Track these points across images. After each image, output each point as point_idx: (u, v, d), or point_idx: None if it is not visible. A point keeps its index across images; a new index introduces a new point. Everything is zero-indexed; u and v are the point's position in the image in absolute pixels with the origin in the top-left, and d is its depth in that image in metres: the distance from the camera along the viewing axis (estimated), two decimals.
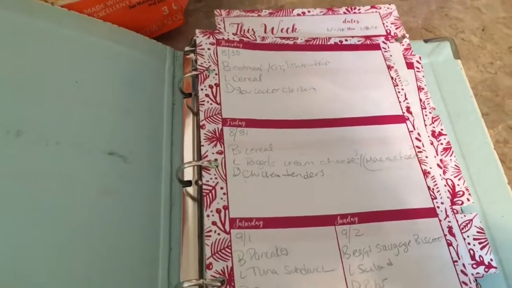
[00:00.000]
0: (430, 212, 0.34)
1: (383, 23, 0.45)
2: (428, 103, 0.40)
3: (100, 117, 0.35)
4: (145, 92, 0.39)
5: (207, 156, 0.35)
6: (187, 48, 0.42)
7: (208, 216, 0.32)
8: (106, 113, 0.36)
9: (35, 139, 0.32)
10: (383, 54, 0.42)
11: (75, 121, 0.34)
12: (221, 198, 0.33)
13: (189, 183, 0.36)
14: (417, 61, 0.42)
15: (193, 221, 0.34)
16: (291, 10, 0.45)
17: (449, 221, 0.34)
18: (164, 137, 0.37)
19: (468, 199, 0.35)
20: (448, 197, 0.35)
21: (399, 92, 0.40)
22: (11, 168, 0.30)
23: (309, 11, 0.45)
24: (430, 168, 0.36)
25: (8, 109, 0.32)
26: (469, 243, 0.33)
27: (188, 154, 0.37)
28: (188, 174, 0.36)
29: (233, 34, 0.42)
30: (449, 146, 0.38)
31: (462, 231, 0.34)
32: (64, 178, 0.32)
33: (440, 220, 0.34)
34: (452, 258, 0.32)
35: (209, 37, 0.41)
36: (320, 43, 0.42)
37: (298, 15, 0.45)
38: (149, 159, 0.36)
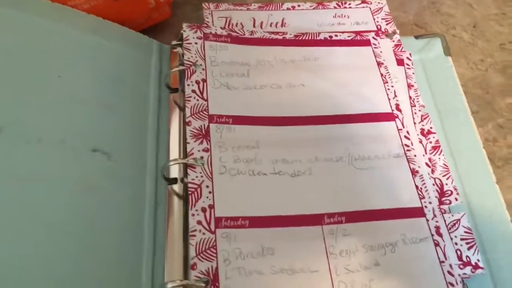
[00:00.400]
0: (418, 212, 0.34)
1: (374, 19, 0.44)
2: (418, 101, 0.40)
3: (84, 113, 0.35)
4: (130, 87, 0.38)
5: (193, 153, 0.34)
6: (174, 42, 0.41)
7: (193, 215, 0.32)
8: (90, 109, 0.35)
9: (16, 136, 0.31)
10: (373, 50, 0.42)
11: (57, 117, 0.33)
12: (207, 197, 0.33)
13: (174, 181, 0.35)
14: (408, 58, 0.42)
15: (179, 219, 0.34)
16: (280, 4, 0.44)
17: (436, 221, 0.33)
18: (150, 134, 0.37)
19: (456, 199, 0.35)
20: (436, 197, 0.35)
21: (388, 89, 0.39)
22: None
23: (299, 5, 0.45)
24: (419, 167, 0.36)
25: None
26: (456, 243, 0.33)
27: (174, 151, 0.36)
28: (174, 171, 0.35)
29: (221, 28, 0.41)
30: (438, 144, 0.37)
31: (450, 231, 0.34)
32: (46, 176, 0.31)
33: (427, 220, 0.33)
34: (439, 259, 0.32)
35: (196, 31, 0.40)
36: (310, 38, 0.42)
37: (288, 9, 0.44)
38: (134, 156, 0.35)
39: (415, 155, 0.36)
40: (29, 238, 0.29)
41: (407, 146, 0.37)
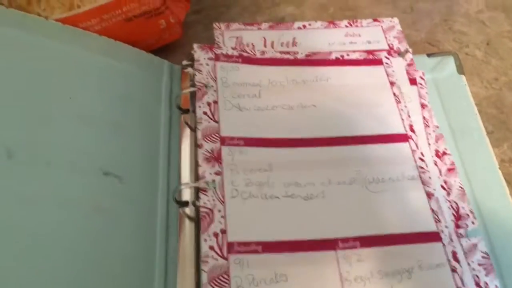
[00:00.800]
0: (434, 236, 0.33)
1: (386, 37, 0.44)
2: (432, 121, 0.39)
3: (95, 135, 0.34)
4: (141, 108, 0.38)
5: (204, 176, 0.34)
6: (185, 62, 0.41)
7: (205, 240, 0.31)
8: (101, 131, 0.35)
9: (26, 159, 0.31)
10: (385, 69, 0.41)
11: (68, 139, 0.33)
12: (219, 222, 0.32)
13: (186, 204, 0.35)
14: (421, 77, 0.41)
15: (190, 243, 0.33)
16: (291, 23, 0.44)
17: (453, 246, 0.33)
18: (161, 156, 0.36)
19: (473, 222, 0.34)
20: (452, 220, 0.34)
21: (402, 109, 0.39)
22: (2, 190, 0.29)
23: (310, 24, 0.44)
24: (434, 189, 0.35)
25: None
26: (474, 269, 0.32)
27: (185, 173, 0.36)
28: (186, 194, 0.35)
29: (232, 48, 0.41)
30: (453, 166, 0.37)
31: (467, 256, 0.33)
32: (57, 200, 0.31)
33: (444, 245, 0.33)
34: (456, 285, 0.31)
35: (207, 52, 0.40)
36: (321, 58, 0.41)
37: (299, 28, 0.44)
38: (145, 179, 0.35)
39: (430, 177, 0.36)
40: (38, 261, 0.29)
41: (422, 168, 0.36)
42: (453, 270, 0.32)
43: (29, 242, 0.29)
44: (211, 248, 0.31)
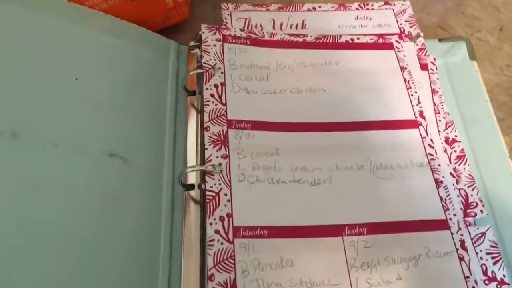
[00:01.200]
0: (442, 224, 0.33)
1: (397, 21, 0.43)
2: (442, 108, 0.38)
3: (101, 117, 0.34)
4: (147, 89, 0.37)
5: (211, 160, 0.33)
6: (192, 43, 0.40)
7: (211, 224, 0.31)
8: (107, 112, 0.34)
9: (31, 141, 0.31)
10: (396, 54, 0.40)
11: (74, 121, 0.33)
12: (225, 205, 0.32)
13: (191, 187, 0.34)
14: (432, 62, 0.41)
15: (195, 226, 0.33)
16: (301, 5, 0.43)
17: (461, 234, 0.32)
18: (167, 138, 0.36)
19: (481, 211, 0.34)
20: (461, 209, 0.34)
21: (412, 95, 0.38)
22: (6, 172, 0.29)
23: (320, 6, 0.43)
24: (443, 177, 0.35)
25: (2, 108, 0.31)
26: (481, 258, 0.32)
27: (191, 156, 0.36)
28: (191, 177, 0.35)
29: (240, 29, 0.40)
30: (463, 153, 0.36)
31: (475, 245, 0.33)
32: (62, 182, 0.30)
33: (452, 233, 0.32)
34: (463, 274, 0.31)
35: (215, 33, 0.39)
36: (331, 41, 0.41)
37: (309, 10, 0.43)
38: (151, 161, 0.34)
39: (439, 165, 0.35)
40: (42, 247, 0.28)
41: (431, 155, 0.35)
42: (461, 258, 0.31)
43: (33, 228, 0.28)
44: (217, 232, 0.31)
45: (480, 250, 0.32)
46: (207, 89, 0.36)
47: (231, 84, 0.37)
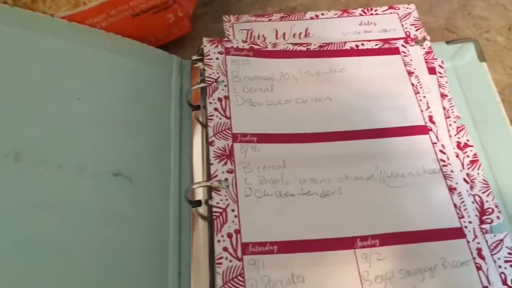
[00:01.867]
0: (457, 233, 0.32)
1: (402, 25, 0.42)
2: (452, 112, 0.37)
3: (104, 136, 0.34)
4: (151, 106, 0.37)
5: (216, 175, 0.33)
6: (194, 57, 0.40)
7: (219, 241, 0.30)
8: (111, 131, 0.34)
9: (35, 162, 0.30)
10: (402, 58, 0.40)
11: (77, 141, 0.33)
12: (233, 221, 0.31)
13: (199, 203, 0.34)
14: (440, 66, 0.40)
15: (204, 244, 0.32)
16: (303, 13, 0.43)
17: (478, 242, 0.31)
18: (172, 155, 0.36)
19: (498, 217, 0.33)
20: (476, 215, 0.33)
21: (420, 100, 0.37)
22: (10, 195, 0.29)
23: (322, 14, 0.43)
24: (456, 183, 0.34)
25: (6, 130, 0.30)
26: (500, 266, 0.31)
27: (197, 172, 0.35)
28: (198, 193, 0.34)
29: (242, 41, 0.40)
30: (476, 158, 0.35)
31: (492, 252, 0.31)
32: (67, 204, 0.30)
33: (468, 242, 0.31)
34: (482, 284, 0.30)
35: (217, 46, 0.38)
36: (335, 48, 0.40)
37: (311, 18, 0.43)
38: (157, 179, 0.34)
39: (452, 171, 0.34)
40: (49, 268, 0.28)
41: (443, 161, 0.34)
42: (478, 267, 0.30)
43: (37, 250, 0.28)
44: (225, 249, 0.30)
45: (498, 258, 0.31)
46: (210, 103, 0.36)
47: (235, 97, 0.36)
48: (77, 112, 0.34)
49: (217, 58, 0.38)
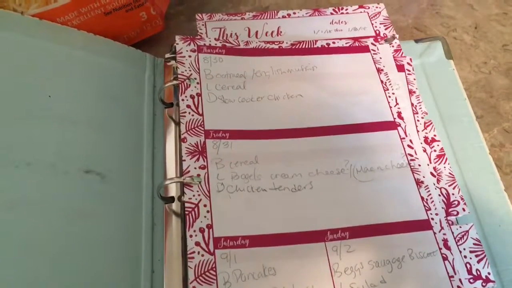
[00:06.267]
0: (424, 224, 0.32)
1: (372, 24, 0.43)
2: (420, 108, 0.38)
3: (76, 133, 0.34)
4: (124, 104, 0.37)
5: (189, 171, 0.33)
6: (167, 55, 0.40)
7: (191, 236, 0.31)
8: (82, 129, 0.34)
9: (4, 160, 0.30)
10: (372, 56, 0.40)
11: (48, 139, 0.32)
12: (205, 217, 0.31)
13: (171, 200, 0.34)
14: (408, 63, 0.41)
15: (177, 240, 0.33)
16: (275, 12, 0.43)
17: (444, 234, 0.32)
18: (145, 152, 0.36)
19: (463, 209, 0.34)
20: (442, 208, 0.34)
21: (389, 96, 0.38)
22: None
23: (294, 13, 0.44)
24: (423, 177, 0.34)
25: None
26: (465, 256, 0.32)
27: (170, 168, 0.35)
28: (171, 190, 0.34)
29: (215, 39, 0.40)
30: (442, 153, 0.36)
31: (458, 243, 0.32)
32: (37, 201, 0.30)
33: (434, 233, 0.32)
34: (448, 274, 0.31)
35: (189, 44, 0.39)
36: (307, 46, 0.41)
37: (283, 17, 0.43)
38: (129, 176, 0.34)
39: (419, 165, 0.35)
40: (18, 265, 0.28)
41: (411, 155, 0.35)
42: (445, 258, 0.31)
43: (7, 248, 0.28)
44: (197, 244, 0.30)
45: (464, 249, 0.32)
46: (183, 100, 0.36)
47: (207, 94, 0.37)
48: (47, 110, 0.33)
49: (189, 56, 0.38)
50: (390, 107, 0.38)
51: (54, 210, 0.30)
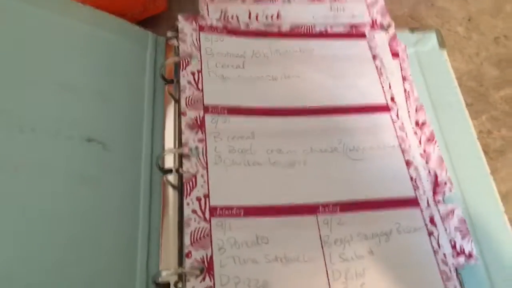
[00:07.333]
0: (412, 202, 0.34)
1: (369, 12, 0.44)
2: (413, 93, 0.40)
3: (79, 103, 0.34)
4: (125, 78, 0.38)
5: (187, 143, 0.34)
6: (169, 34, 0.41)
7: (188, 204, 0.32)
8: (85, 98, 0.35)
9: (9, 124, 0.31)
10: (368, 43, 0.42)
11: (52, 106, 0.33)
12: (202, 186, 0.33)
13: (169, 171, 0.35)
14: (402, 51, 0.42)
15: (173, 209, 0.34)
16: None
17: (430, 211, 0.34)
18: (145, 124, 0.37)
19: (450, 189, 0.35)
20: (430, 187, 0.35)
21: (383, 81, 0.39)
22: None
23: None
24: (413, 158, 0.36)
25: None
26: (450, 233, 0.33)
27: (169, 141, 0.36)
28: (169, 161, 0.35)
29: (216, 20, 0.41)
30: (432, 136, 0.37)
31: (444, 221, 0.34)
32: (40, 166, 0.31)
33: (421, 210, 0.34)
34: (432, 248, 0.32)
35: (192, 23, 0.40)
36: (305, 31, 0.42)
37: (284, 2, 0.44)
38: (129, 146, 0.35)
39: (409, 146, 0.36)
40: (20, 228, 0.29)
41: (402, 137, 0.37)
42: (430, 233, 0.33)
43: (10, 211, 0.29)
44: (194, 211, 0.32)
45: (449, 226, 0.34)
46: (183, 76, 0.37)
47: (208, 71, 0.38)
48: (52, 79, 0.34)
49: (191, 34, 0.39)
50: (384, 91, 0.39)
51: (57, 175, 0.31)
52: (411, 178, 0.35)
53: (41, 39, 0.35)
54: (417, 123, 0.38)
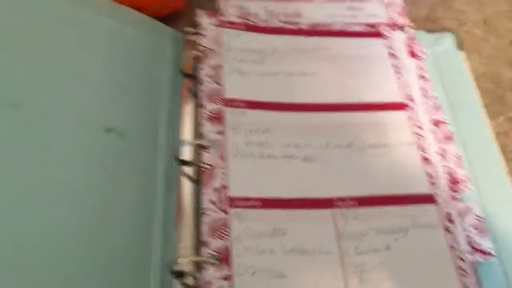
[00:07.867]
0: (429, 199, 0.34)
1: (387, 11, 0.45)
2: (430, 92, 0.40)
3: (98, 94, 0.35)
4: (145, 71, 0.38)
5: (207, 135, 0.34)
6: (188, 29, 0.42)
7: (205, 194, 0.32)
8: (105, 90, 0.35)
9: (32, 113, 0.31)
10: (386, 42, 0.42)
11: (72, 96, 0.34)
12: (220, 178, 0.33)
13: (187, 162, 0.35)
14: (420, 50, 0.42)
15: (190, 200, 0.34)
16: None
17: (447, 208, 0.33)
18: (163, 117, 0.37)
19: (467, 187, 0.35)
20: (447, 185, 0.35)
21: (400, 80, 0.40)
22: (6, 143, 0.30)
23: None
24: (430, 155, 0.36)
25: (5, 81, 0.32)
26: (466, 230, 0.33)
27: (186, 133, 0.37)
28: (187, 154, 0.36)
29: (236, 16, 0.41)
30: (449, 134, 0.37)
31: (461, 218, 0.34)
32: (61, 153, 0.31)
33: (438, 207, 0.33)
34: (449, 244, 0.32)
35: (211, 18, 0.40)
36: (324, 29, 0.42)
37: (302, 0, 0.45)
38: (147, 137, 0.35)
39: (426, 144, 0.36)
40: (43, 216, 0.29)
41: (419, 135, 0.37)
42: (447, 230, 0.32)
43: (32, 199, 0.29)
44: (212, 202, 0.32)
45: (466, 223, 0.33)
46: (203, 69, 0.37)
47: (227, 65, 0.38)
48: (73, 69, 0.35)
49: (211, 30, 0.40)
50: (400, 90, 0.39)
51: (77, 163, 0.31)
52: (428, 175, 0.35)
53: (62, 30, 0.36)
54: (434, 121, 0.38)
